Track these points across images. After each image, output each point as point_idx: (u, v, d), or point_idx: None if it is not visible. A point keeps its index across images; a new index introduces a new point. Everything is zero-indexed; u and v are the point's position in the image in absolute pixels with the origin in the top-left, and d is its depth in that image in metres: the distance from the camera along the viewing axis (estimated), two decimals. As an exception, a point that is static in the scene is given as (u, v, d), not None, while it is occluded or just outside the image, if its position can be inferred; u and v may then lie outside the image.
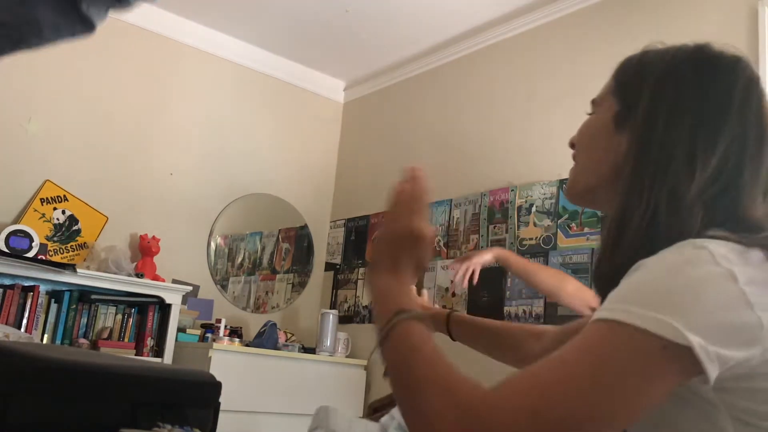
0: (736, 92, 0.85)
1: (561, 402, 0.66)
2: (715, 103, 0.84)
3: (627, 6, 2.95)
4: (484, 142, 3.41)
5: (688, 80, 0.86)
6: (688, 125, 0.83)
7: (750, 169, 0.82)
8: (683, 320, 0.68)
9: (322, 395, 3.41)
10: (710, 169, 0.80)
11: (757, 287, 0.72)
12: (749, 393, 0.73)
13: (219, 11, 3.67)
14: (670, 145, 0.82)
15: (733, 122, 0.83)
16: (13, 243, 3.02)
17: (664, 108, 0.85)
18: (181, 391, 0.99)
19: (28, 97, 3.30)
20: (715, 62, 0.88)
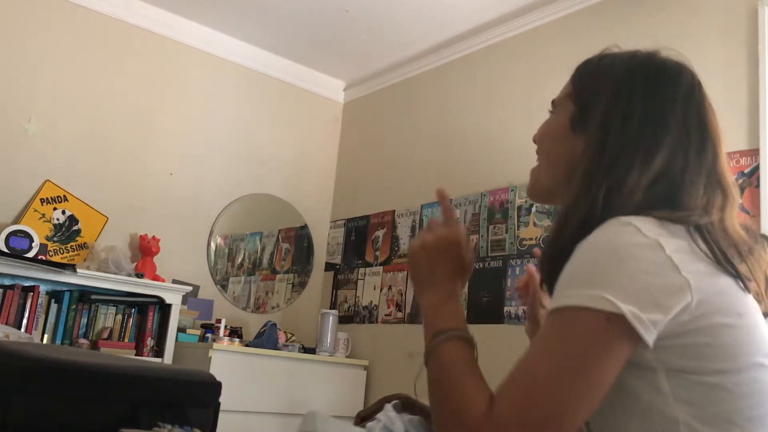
0: (679, 98, 0.94)
1: (540, 407, 0.77)
2: (660, 109, 0.93)
3: (627, 6, 2.94)
4: (484, 142, 3.41)
5: (638, 89, 0.94)
6: (636, 130, 0.91)
7: (694, 166, 0.91)
8: (615, 291, 0.77)
9: (322, 395, 3.42)
10: (656, 167, 0.89)
11: (682, 254, 0.81)
12: (680, 349, 0.80)
13: (219, 11, 3.67)
14: (620, 147, 0.91)
15: (677, 126, 0.92)
16: (13, 243, 3.02)
17: (617, 114, 0.93)
18: (181, 391, 0.99)
19: (28, 97, 3.30)
20: (661, 70, 0.97)
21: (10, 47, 3.29)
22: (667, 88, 0.95)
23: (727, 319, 0.82)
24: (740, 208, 2.39)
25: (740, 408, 0.81)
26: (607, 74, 0.98)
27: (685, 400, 0.81)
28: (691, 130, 0.93)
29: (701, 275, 0.81)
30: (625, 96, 0.94)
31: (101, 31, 3.55)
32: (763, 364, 0.84)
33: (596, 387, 0.78)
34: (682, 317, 0.79)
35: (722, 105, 2.73)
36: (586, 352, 0.78)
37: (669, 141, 0.91)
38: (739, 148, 2.43)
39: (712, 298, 0.81)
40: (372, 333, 3.74)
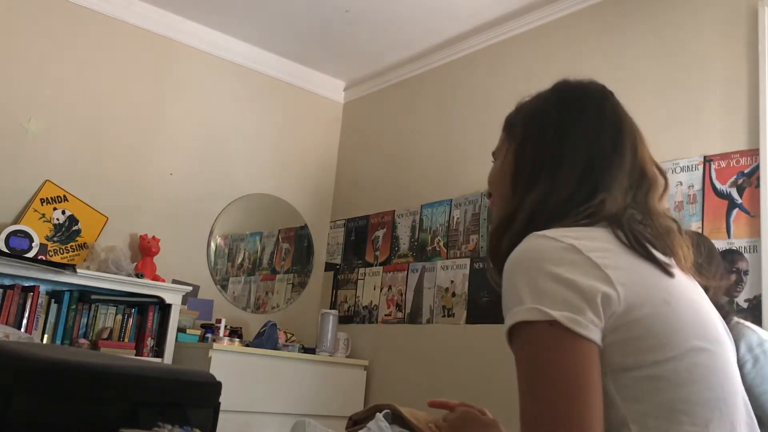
0: (589, 107, 1.02)
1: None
2: (573, 118, 1.01)
3: (627, 6, 2.94)
4: (483, 142, 3.40)
5: (550, 108, 1.04)
6: (553, 139, 1.00)
7: (613, 163, 0.97)
8: (544, 301, 0.82)
9: (322, 395, 3.42)
10: (579, 169, 0.96)
11: (600, 252, 0.85)
12: (618, 346, 0.83)
13: (219, 11, 3.67)
14: (541, 155, 1.00)
15: (589, 130, 1.00)
16: (13, 243, 3.02)
17: (533, 131, 1.03)
18: (181, 391, 0.99)
19: (28, 97, 3.30)
20: (569, 90, 1.07)
21: (10, 47, 3.29)
22: (577, 100, 1.04)
23: (656, 309, 0.85)
24: (740, 207, 2.39)
25: (684, 395, 0.83)
26: (527, 106, 1.09)
27: (631, 398, 0.83)
28: (605, 130, 1.00)
29: (623, 269, 0.85)
30: (541, 114, 1.04)
31: (101, 31, 3.55)
32: (700, 347, 0.87)
33: (590, 388, 0.80)
34: (613, 312, 0.82)
35: (722, 105, 2.74)
36: (557, 366, 0.81)
37: (584, 143, 0.98)
38: (739, 148, 2.43)
39: (637, 289, 0.85)
40: (372, 333, 3.74)
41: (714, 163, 2.49)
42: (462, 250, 3.37)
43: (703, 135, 2.53)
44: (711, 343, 0.89)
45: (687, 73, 2.64)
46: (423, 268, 3.55)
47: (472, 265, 3.28)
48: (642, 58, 2.81)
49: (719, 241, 2.39)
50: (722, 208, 2.43)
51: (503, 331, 0.87)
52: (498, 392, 3.05)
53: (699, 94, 2.58)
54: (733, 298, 2.31)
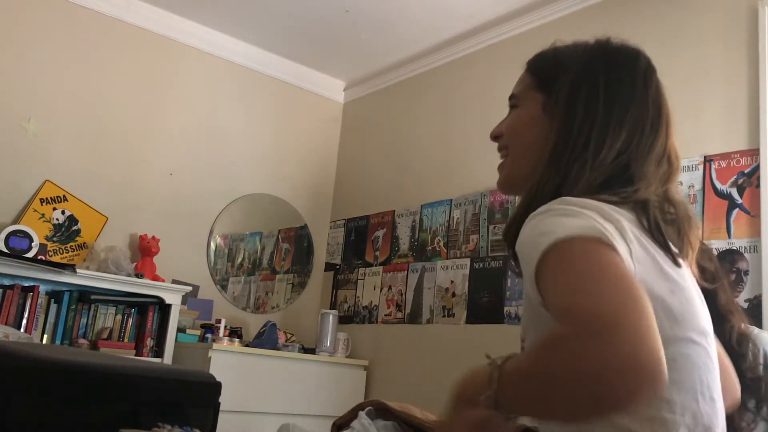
0: (639, 80, 1.00)
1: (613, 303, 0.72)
2: (622, 91, 0.99)
3: (627, 6, 2.94)
4: (484, 142, 3.39)
5: (601, 71, 1.00)
6: (601, 110, 0.97)
7: (649, 142, 0.97)
8: (577, 229, 0.80)
9: (322, 395, 3.42)
10: (617, 145, 0.95)
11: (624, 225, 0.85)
12: None
13: (219, 11, 3.67)
14: (588, 127, 0.96)
15: (637, 105, 0.98)
16: (12, 243, 3.01)
17: (581, 97, 0.98)
18: (181, 391, 0.99)
19: (28, 97, 3.30)
20: (620, 54, 1.03)
21: (10, 47, 3.28)
22: (626, 70, 1.01)
23: (661, 295, 0.85)
24: (740, 208, 2.39)
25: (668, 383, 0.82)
26: (569, 61, 1.03)
27: None
28: (648, 109, 0.99)
29: (640, 248, 0.85)
30: (590, 78, 0.99)
31: (101, 31, 3.54)
32: (692, 340, 0.87)
33: (640, 289, 0.76)
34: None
35: (722, 105, 2.74)
36: (605, 265, 0.77)
37: (630, 119, 0.97)
38: (739, 148, 2.43)
39: (647, 271, 0.85)
40: (372, 333, 3.74)
41: (714, 163, 2.48)
42: (462, 250, 3.37)
43: (704, 135, 2.53)
44: (702, 336, 0.89)
45: (687, 73, 2.64)
46: (423, 268, 3.55)
47: (472, 265, 3.28)
48: (642, 58, 2.81)
49: (719, 241, 2.39)
50: (722, 208, 2.43)
51: (530, 270, 0.82)
52: (498, 392, 3.05)
53: (699, 94, 2.58)
54: (734, 298, 2.31)
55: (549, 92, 1.03)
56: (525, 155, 1.05)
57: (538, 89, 1.05)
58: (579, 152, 0.95)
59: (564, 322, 0.74)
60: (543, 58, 1.10)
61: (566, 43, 1.08)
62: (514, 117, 1.09)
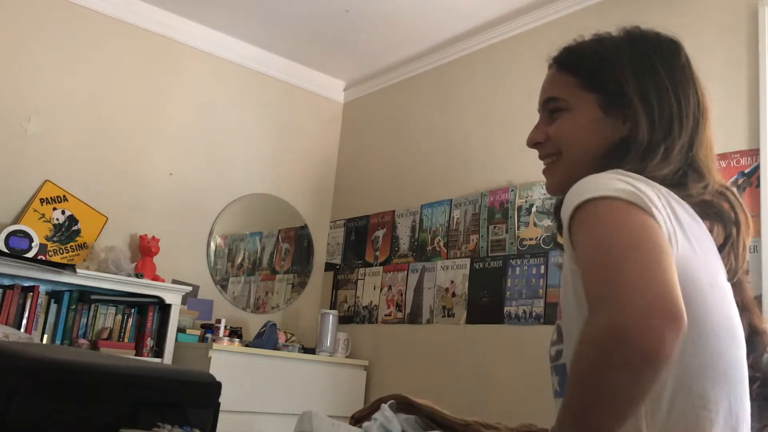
0: (687, 68, 1.02)
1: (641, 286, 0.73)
2: (681, 79, 1.00)
3: (627, 6, 2.94)
4: (484, 142, 3.40)
5: (655, 63, 0.99)
6: (673, 100, 0.97)
7: (704, 131, 1.00)
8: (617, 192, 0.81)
9: (322, 395, 3.41)
10: (688, 134, 0.98)
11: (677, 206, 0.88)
12: None
13: (219, 11, 3.67)
14: (666, 119, 0.97)
15: (693, 94, 1.00)
16: (12, 243, 3.01)
17: (650, 90, 0.97)
18: (181, 391, 0.99)
19: (28, 97, 3.30)
20: (663, 45, 1.03)
21: (10, 47, 3.28)
22: (676, 58, 1.02)
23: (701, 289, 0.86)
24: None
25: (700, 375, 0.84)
26: (615, 54, 1.01)
27: None
28: (700, 96, 1.02)
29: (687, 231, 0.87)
30: (650, 70, 0.98)
31: (101, 31, 3.54)
32: (724, 336, 0.87)
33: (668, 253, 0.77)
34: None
35: (722, 105, 2.73)
36: (630, 229, 0.79)
37: (692, 107, 0.99)
38: (739, 148, 2.43)
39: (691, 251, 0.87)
40: (372, 333, 3.74)
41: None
42: (462, 250, 3.37)
43: (703, 135, 2.53)
44: (733, 333, 0.89)
45: (687, 73, 2.64)
46: (423, 268, 3.55)
47: (472, 265, 3.28)
48: (642, 58, 2.81)
49: (719, 241, 2.39)
50: (722, 208, 2.43)
51: (566, 221, 0.84)
52: (498, 392, 3.06)
53: (699, 94, 2.58)
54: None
55: (603, 90, 1.00)
56: (584, 158, 1.01)
57: (588, 89, 1.01)
58: (656, 146, 0.95)
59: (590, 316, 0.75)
60: (579, 54, 1.04)
61: (587, 37, 1.07)
62: (569, 121, 1.02)
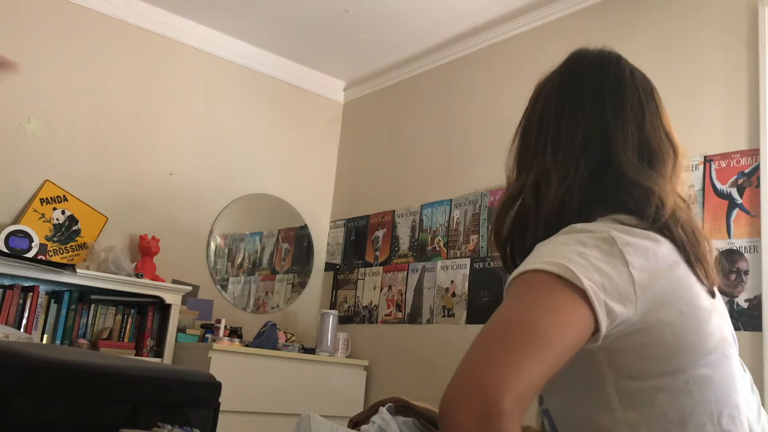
0: (587, 83, 0.98)
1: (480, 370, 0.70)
2: (570, 98, 0.97)
3: (627, 6, 2.94)
4: (484, 142, 3.40)
5: (551, 85, 1.01)
6: (551, 121, 0.96)
7: (617, 133, 0.92)
8: (576, 268, 0.76)
9: (322, 395, 3.41)
10: (578, 143, 0.92)
11: (631, 247, 0.81)
12: (629, 351, 0.81)
13: (219, 11, 3.67)
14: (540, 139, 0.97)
15: (585, 107, 0.95)
16: (12, 243, 3.01)
17: (533, 111, 1.00)
18: (181, 391, 0.99)
19: (28, 97, 3.30)
20: (573, 65, 1.03)
21: (10, 47, 3.28)
22: (577, 76, 1.01)
23: (671, 318, 0.82)
24: (740, 207, 2.39)
25: (679, 407, 0.82)
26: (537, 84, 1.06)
27: (628, 405, 0.82)
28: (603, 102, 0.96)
29: (650, 271, 0.81)
30: (542, 95, 1.02)
31: (101, 31, 3.54)
32: (706, 362, 0.84)
33: (544, 341, 0.72)
34: (630, 319, 0.79)
35: (722, 105, 2.74)
36: (533, 304, 0.75)
37: (583, 121, 0.95)
38: (739, 148, 2.43)
39: (657, 297, 0.81)
40: (372, 333, 3.73)
41: (714, 163, 2.48)
42: (462, 250, 3.37)
43: (704, 135, 2.53)
44: (718, 354, 0.87)
45: (687, 73, 2.64)
46: (423, 268, 3.55)
47: (472, 265, 3.28)
48: (642, 58, 2.80)
49: (719, 241, 2.39)
50: (722, 208, 2.43)
51: (507, 282, 0.82)
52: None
53: (699, 94, 2.58)
54: (734, 298, 2.31)
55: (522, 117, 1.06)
56: (508, 182, 1.09)
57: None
58: (536, 155, 0.96)
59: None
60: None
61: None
62: None
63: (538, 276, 0.77)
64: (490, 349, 0.72)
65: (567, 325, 0.74)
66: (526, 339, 0.72)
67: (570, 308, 0.75)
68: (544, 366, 0.71)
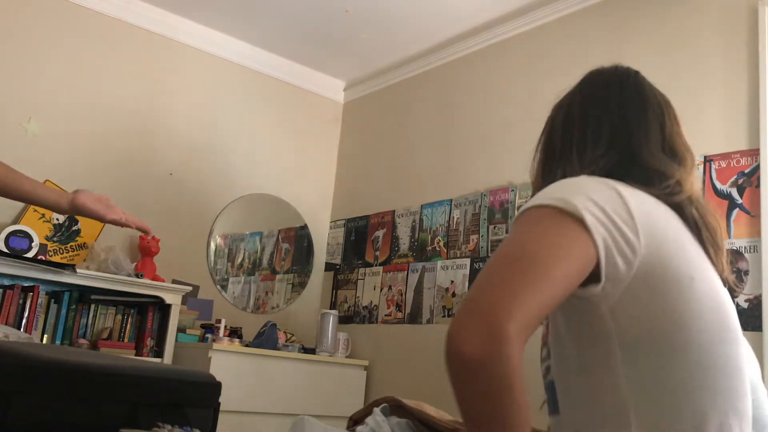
0: (610, 90, 1.04)
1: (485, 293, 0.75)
2: (593, 106, 1.03)
3: (627, 6, 2.94)
4: (484, 142, 3.40)
5: (574, 97, 1.08)
6: (577, 126, 1.03)
7: (641, 131, 0.98)
8: (579, 203, 0.81)
9: (322, 395, 3.41)
10: (604, 140, 0.98)
11: (631, 196, 0.86)
12: (632, 307, 0.82)
13: (219, 11, 3.67)
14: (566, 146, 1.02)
15: (609, 110, 1.01)
16: (12, 243, 3.01)
17: (557, 121, 1.07)
18: (181, 391, 0.99)
19: (28, 97, 3.30)
20: (592, 78, 1.09)
21: (10, 47, 3.28)
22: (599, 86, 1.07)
23: (680, 284, 0.84)
24: (740, 208, 2.39)
25: (691, 380, 0.82)
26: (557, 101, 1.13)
27: (636, 378, 0.82)
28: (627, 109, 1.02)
29: (652, 218, 0.86)
30: (564, 104, 1.09)
31: (101, 31, 3.54)
32: (719, 338, 0.86)
33: (545, 271, 0.77)
34: (632, 270, 0.81)
35: (722, 105, 2.74)
36: (536, 235, 0.80)
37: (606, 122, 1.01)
38: (739, 148, 2.43)
39: (662, 243, 0.84)
40: (372, 333, 3.73)
41: (714, 163, 2.48)
42: (462, 250, 3.37)
43: (704, 135, 2.53)
44: (730, 333, 0.88)
45: (687, 73, 2.64)
46: (423, 268, 3.55)
47: (472, 265, 3.28)
48: (642, 58, 2.81)
49: (719, 241, 2.38)
50: (722, 208, 2.43)
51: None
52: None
53: (699, 94, 2.58)
54: (733, 298, 2.31)
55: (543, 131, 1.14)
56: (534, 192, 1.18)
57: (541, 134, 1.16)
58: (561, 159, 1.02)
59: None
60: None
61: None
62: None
63: (540, 210, 0.83)
64: (494, 279, 0.77)
65: (567, 256, 0.79)
66: (528, 269, 0.76)
67: (570, 239, 0.79)
68: (546, 295, 0.76)
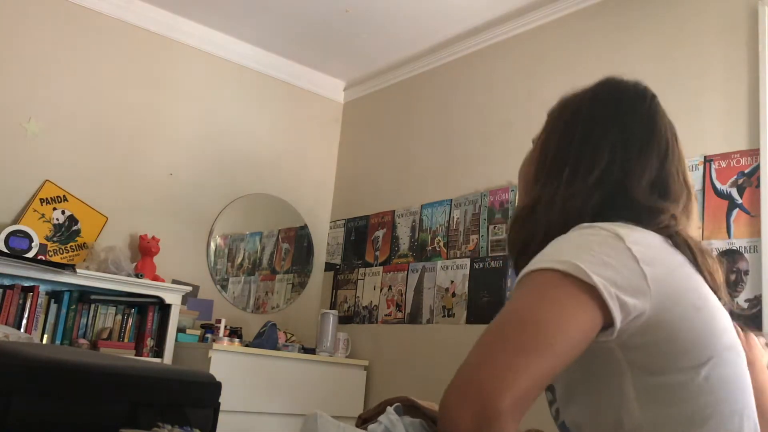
0: (620, 111, 0.99)
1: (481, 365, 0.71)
2: (598, 125, 0.98)
3: (627, 6, 2.94)
4: (484, 142, 3.40)
5: (580, 108, 1.02)
6: (575, 142, 0.98)
7: (638, 165, 0.95)
8: (585, 265, 0.77)
9: (322, 396, 3.41)
10: (598, 169, 0.94)
11: (640, 246, 0.82)
12: (646, 347, 0.81)
13: (219, 11, 3.67)
14: (561, 157, 0.99)
15: (613, 134, 0.97)
16: (12, 243, 3.01)
17: (558, 128, 1.02)
18: (181, 391, 0.99)
19: (28, 97, 3.30)
20: (608, 89, 1.04)
21: (10, 47, 3.28)
22: (609, 102, 1.02)
23: (686, 312, 0.83)
24: (740, 208, 2.39)
25: (703, 406, 0.82)
26: (563, 100, 1.08)
27: (649, 404, 0.81)
28: (631, 136, 0.97)
29: (660, 266, 0.83)
30: (568, 112, 1.04)
31: (101, 31, 3.54)
32: (724, 358, 0.85)
33: (545, 340, 0.73)
34: (644, 314, 0.80)
35: (722, 105, 2.74)
36: (538, 303, 0.76)
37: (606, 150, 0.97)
38: (739, 148, 2.43)
39: (670, 290, 0.82)
40: (372, 333, 3.73)
41: (714, 163, 2.48)
42: (462, 250, 3.37)
43: (703, 135, 2.53)
44: (733, 352, 0.87)
45: (687, 73, 2.64)
46: (423, 268, 3.55)
47: (472, 265, 3.28)
48: (641, 58, 2.81)
49: (719, 241, 2.39)
50: (722, 208, 2.43)
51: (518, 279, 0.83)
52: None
53: (699, 94, 2.58)
54: (733, 298, 2.31)
55: (544, 129, 1.11)
56: (522, 191, 1.19)
57: (543, 129, 1.13)
58: (555, 173, 0.99)
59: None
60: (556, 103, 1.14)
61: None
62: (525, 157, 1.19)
63: (544, 275, 0.78)
64: (490, 349, 0.73)
65: (571, 324, 0.75)
66: (527, 338, 0.72)
67: (574, 306, 0.75)
68: (546, 366, 0.72)
